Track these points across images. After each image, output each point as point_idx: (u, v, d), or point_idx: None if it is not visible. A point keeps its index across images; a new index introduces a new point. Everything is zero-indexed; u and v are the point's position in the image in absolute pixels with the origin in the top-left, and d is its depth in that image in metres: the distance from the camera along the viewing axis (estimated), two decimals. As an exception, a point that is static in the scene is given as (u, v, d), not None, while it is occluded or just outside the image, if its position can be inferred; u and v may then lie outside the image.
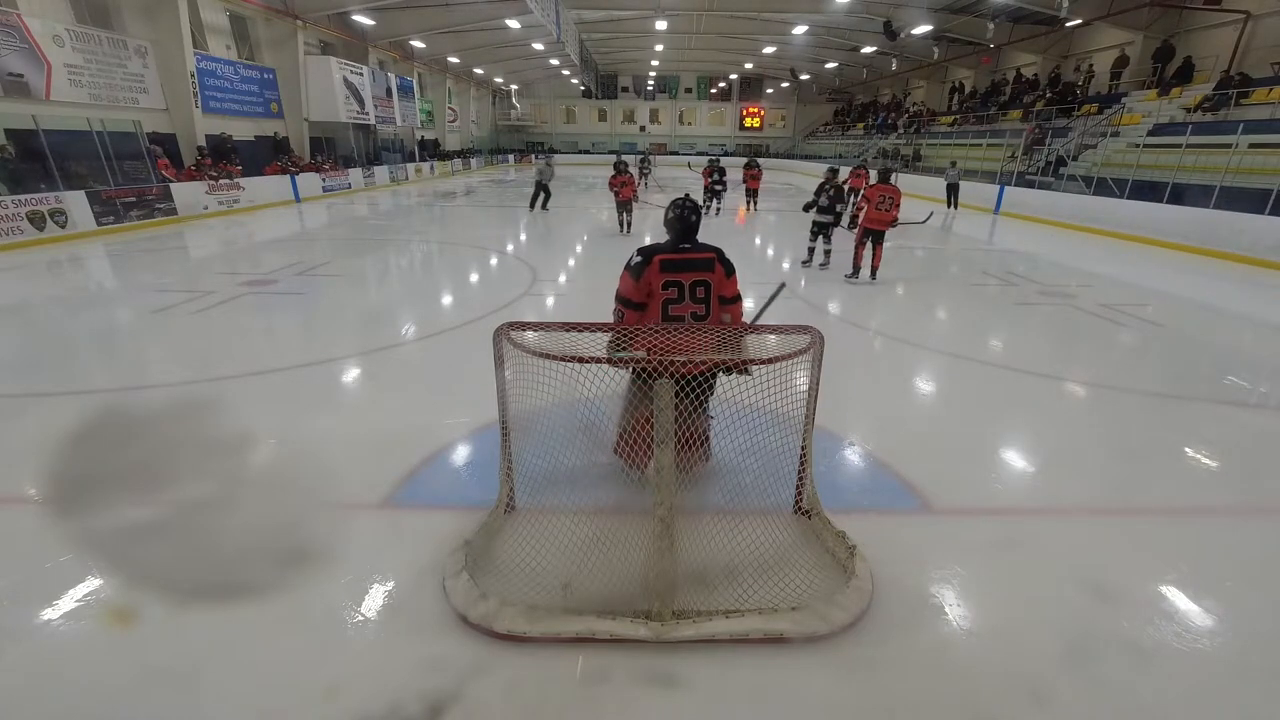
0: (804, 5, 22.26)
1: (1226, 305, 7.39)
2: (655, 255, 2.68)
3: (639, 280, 2.68)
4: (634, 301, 2.72)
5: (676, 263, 2.69)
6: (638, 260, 2.69)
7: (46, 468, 3.24)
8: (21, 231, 9.52)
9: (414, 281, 8.37)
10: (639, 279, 2.68)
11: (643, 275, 2.67)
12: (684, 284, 2.70)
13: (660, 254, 2.69)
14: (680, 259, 2.70)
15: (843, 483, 3.19)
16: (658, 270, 2.67)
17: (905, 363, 5.13)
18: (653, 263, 2.67)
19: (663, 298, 2.69)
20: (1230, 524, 2.95)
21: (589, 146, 43.77)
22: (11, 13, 10.92)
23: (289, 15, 17.67)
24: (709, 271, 2.72)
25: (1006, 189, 16.24)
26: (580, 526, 2.46)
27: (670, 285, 2.68)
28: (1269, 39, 15.13)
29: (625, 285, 2.75)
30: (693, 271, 2.70)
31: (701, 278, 2.71)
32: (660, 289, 2.68)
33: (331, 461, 3.33)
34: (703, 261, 2.72)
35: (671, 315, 2.71)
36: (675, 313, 2.72)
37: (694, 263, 2.71)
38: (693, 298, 2.71)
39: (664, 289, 2.68)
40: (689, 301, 2.71)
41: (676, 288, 2.69)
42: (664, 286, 2.68)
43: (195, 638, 2.14)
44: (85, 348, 5.29)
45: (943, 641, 2.16)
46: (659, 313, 2.71)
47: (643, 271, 2.67)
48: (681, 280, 2.69)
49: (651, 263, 2.67)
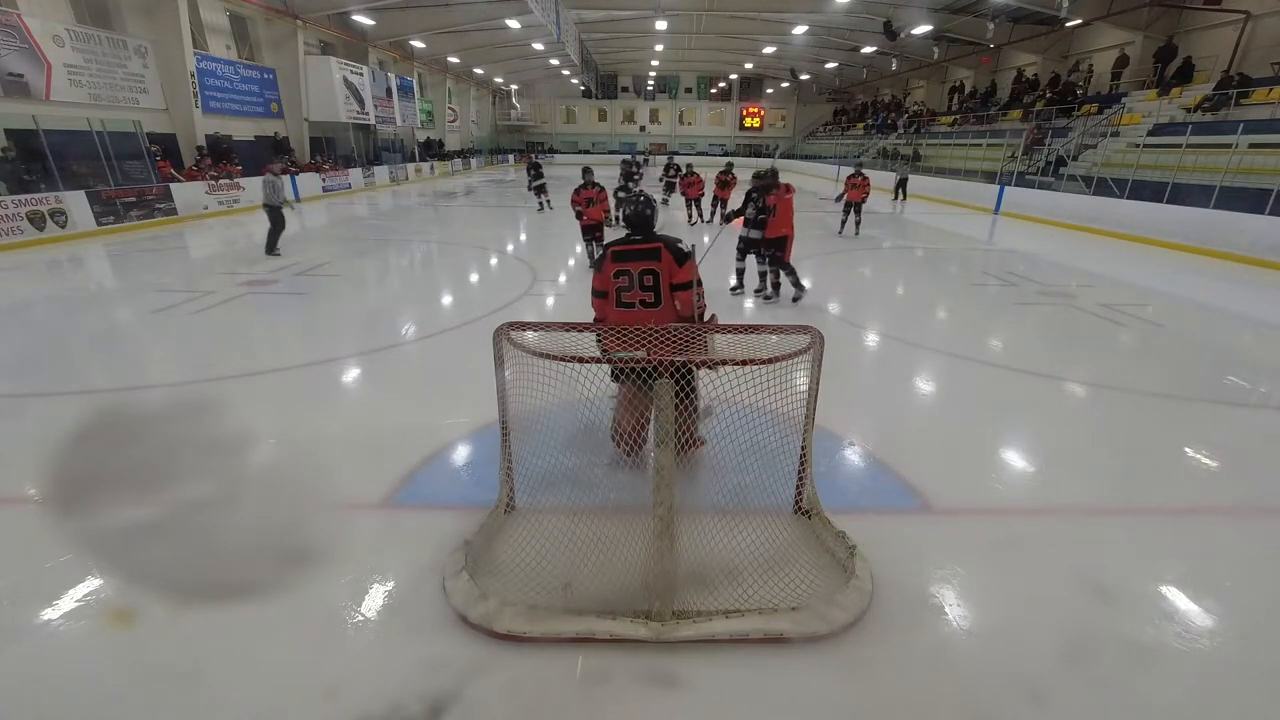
0: (804, 5, 22.27)
1: (1226, 305, 7.38)
2: (609, 247, 2.94)
3: (600, 271, 2.95)
4: (598, 290, 2.98)
5: (625, 253, 2.91)
6: (600, 253, 3.00)
7: (46, 468, 3.24)
8: (21, 231, 9.53)
9: (414, 282, 8.37)
10: (600, 270, 2.96)
11: (603, 267, 2.94)
12: (632, 272, 2.89)
13: (613, 245, 2.94)
14: (628, 249, 2.91)
15: (843, 483, 3.19)
16: (610, 260, 2.91)
17: (905, 363, 5.12)
18: (607, 254, 2.93)
19: (614, 285, 2.92)
20: (1230, 524, 2.95)
21: (589, 146, 43.77)
22: (11, 13, 10.93)
23: (289, 15, 17.68)
24: (655, 260, 2.87)
25: (1006, 189, 16.24)
26: (580, 526, 2.46)
27: (620, 274, 2.90)
28: (1269, 39, 15.13)
29: (594, 278, 3.03)
30: (640, 261, 2.88)
31: (649, 266, 2.87)
32: (612, 278, 2.91)
33: (331, 461, 3.33)
34: (649, 251, 2.88)
35: (624, 302, 2.93)
36: (626, 299, 2.92)
37: (641, 253, 2.89)
38: (641, 285, 2.89)
39: (615, 278, 2.91)
40: (637, 289, 2.90)
41: (626, 276, 2.89)
42: (614, 275, 2.91)
43: (195, 638, 2.14)
44: (85, 348, 5.29)
45: (942, 641, 2.16)
46: (614, 300, 2.94)
47: (603, 264, 2.94)
48: (630, 269, 2.89)
49: (607, 254, 2.93)
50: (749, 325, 2.51)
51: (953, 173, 19.89)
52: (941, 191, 19.27)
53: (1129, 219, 12.18)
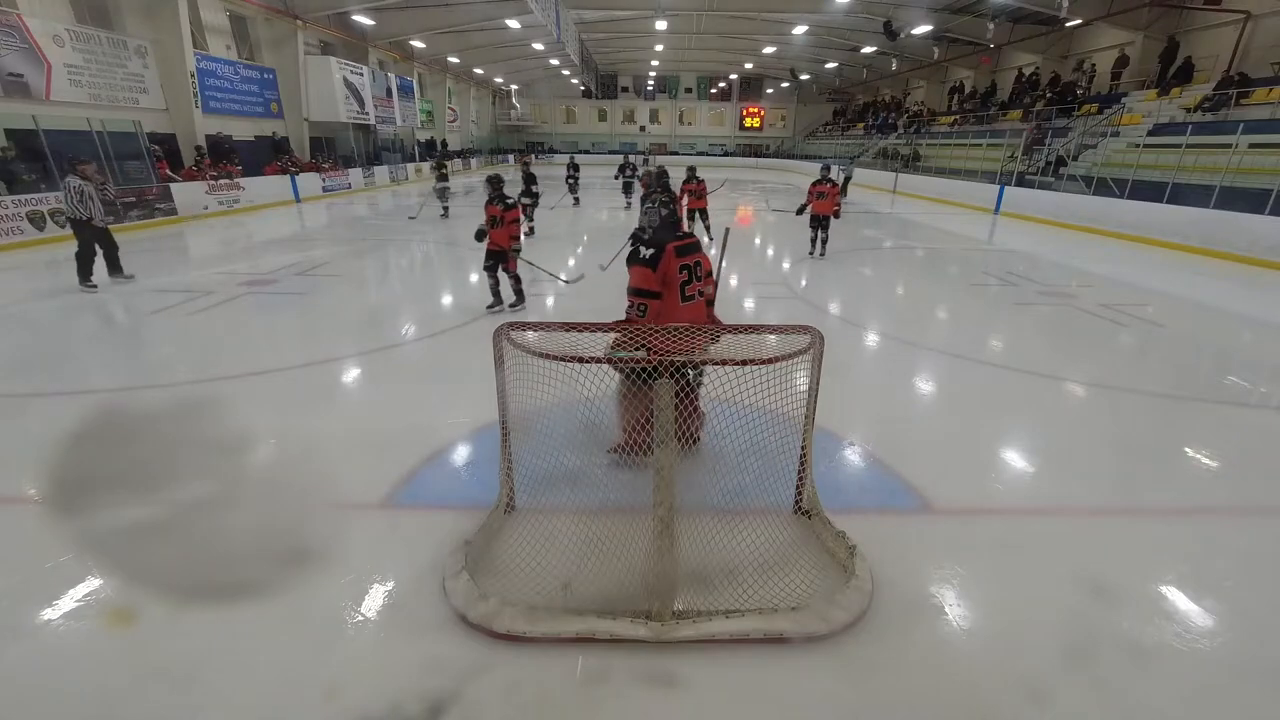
0: (804, 5, 22.25)
1: (1226, 305, 7.38)
2: (670, 244, 2.90)
3: (656, 269, 2.88)
4: (652, 291, 2.90)
5: (684, 248, 2.96)
6: (651, 253, 2.89)
7: (46, 468, 3.24)
8: (21, 231, 9.52)
9: (414, 281, 8.37)
10: (656, 267, 2.87)
11: (658, 264, 2.87)
12: (690, 265, 2.96)
13: (672, 242, 2.92)
14: (685, 244, 2.98)
15: (843, 483, 3.19)
16: (674, 256, 2.90)
17: (905, 363, 5.13)
18: (668, 251, 2.89)
19: (679, 280, 2.92)
20: (1230, 524, 2.95)
21: (589, 146, 43.74)
22: (11, 13, 10.92)
23: (289, 15, 17.67)
24: (700, 253, 3.04)
25: (1006, 189, 16.24)
26: (580, 526, 2.46)
27: (683, 269, 2.93)
28: (1269, 39, 15.12)
29: (643, 277, 2.90)
30: (693, 254, 2.99)
31: (699, 258, 3.03)
32: (677, 273, 2.91)
33: (331, 461, 3.33)
34: (696, 244, 3.05)
35: (688, 296, 2.96)
36: (690, 292, 2.97)
37: (692, 246, 3.01)
38: (696, 276, 3.00)
39: (680, 272, 2.92)
40: (696, 281, 2.99)
41: (687, 270, 2.95)
42: (680, 270, 2.92)
43: (195, 638, 2.14)
44: (85, 348, 5.29)
45: (942, 641, 2.16)
46: (679, 296, 2.94)
47: (658, 261, 2.87)
48: (688, 262, 2.95)
49: (668, 251, 2.89)
50: (749, 325, 2.51)
51: (953, 173, 19.88)
52: (942, 191, 19.26)
53: (1129, 219, 12.18)
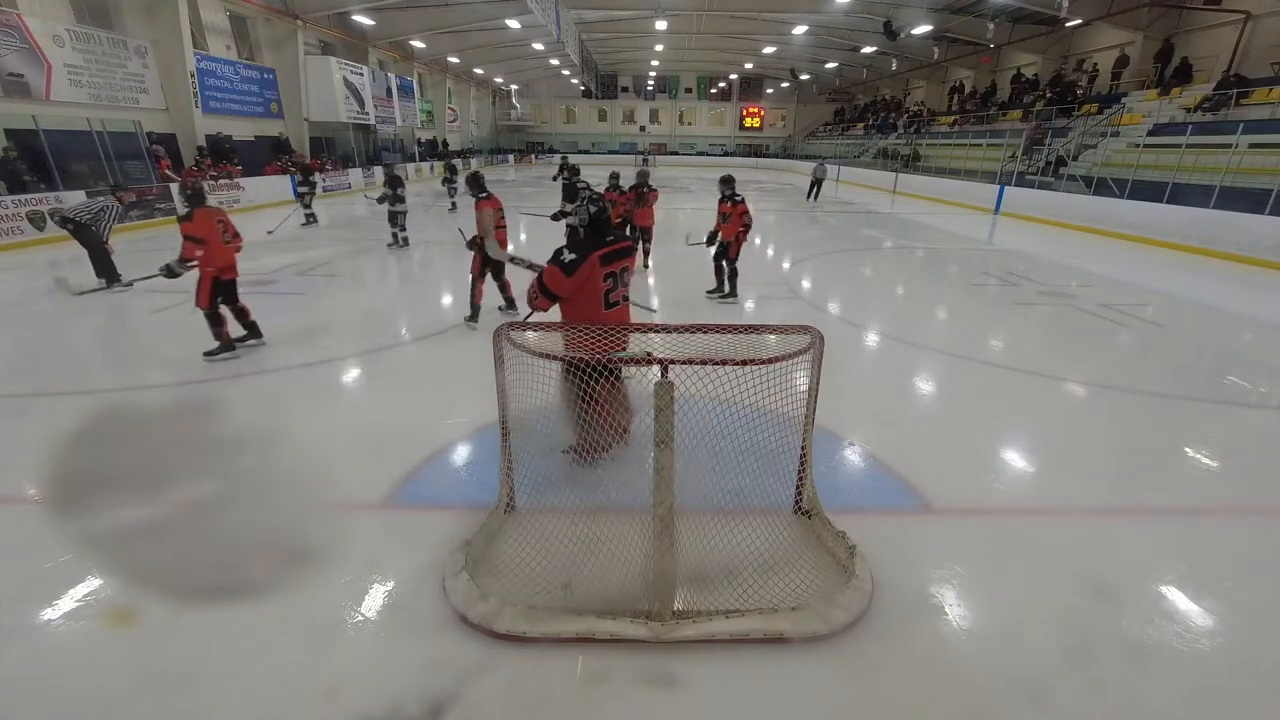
0: (804, 5, 22.25)
1: (1226, 305, 7.38)
2: (597, 252, 2.86)
3: (572, 276, 2.82)
4: (560, 295, 2.89)
5: (611, 254, 2.92)
6: (572, 259, 2.83)
7: (46, 468, 3.24)
8: (21, 231, 9.53)
9: (414, 281, 8.37)
10: (573, 274, 2.82)
11: (576, 271, 2.82)
12: (616, 273, 2.96)
13: (599, 250, 2.87)
14: (614, 250, 2.94)
15: (843, 483, 3.19)
16: (599, 264, 2.86)
17: (905, 363, 5.12)
18: (592, 258, 2.84)
19: (604, 289, 2.91)
20: (1230, 524, 2.95)
21: (589, 146, 43.74)
22: (11, 13, 10.92)
23: (289, 15, 17.67)
24: (631, 257, 3.09)
25: (1006, 189, 16.24)
26: (580, 526, 2.46)
27: (608, 276, 2.92)
28: (1269, 39, 15.12)
29: (557, 281, 2.86)
30: (621, 259, 3.00)
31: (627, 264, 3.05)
32: (601, 280, 2.89)
33: (331, 461, 3.33)
34: (628, 249, 3.07)
35: (612, 302, 2.97)
36: (614, 299, 2.98)
37: (622, 252, 3.01)
38: (622, 283, 3.03)
39: (604, 280, 2.90)
40: (621, 288, 3.02)
41: (612, 278, 2.95)
42: (604, 279, 2.89)
43: (195, 638, 2.14)
44: (85, 348, 5.29)
45: (943, 641, 2.16)
46: (603, 303, 2.94)
47: (577, 268, 2.81)
48: (614, 270, 2.95)
49: (591, 259, 2.83)
50: (749, 325, 2.51)
51: (953, 173, 19.89)
52: (941, 191, 19.27)
53: (1129, 219, 12.18)
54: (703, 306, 6.62)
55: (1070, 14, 17.86)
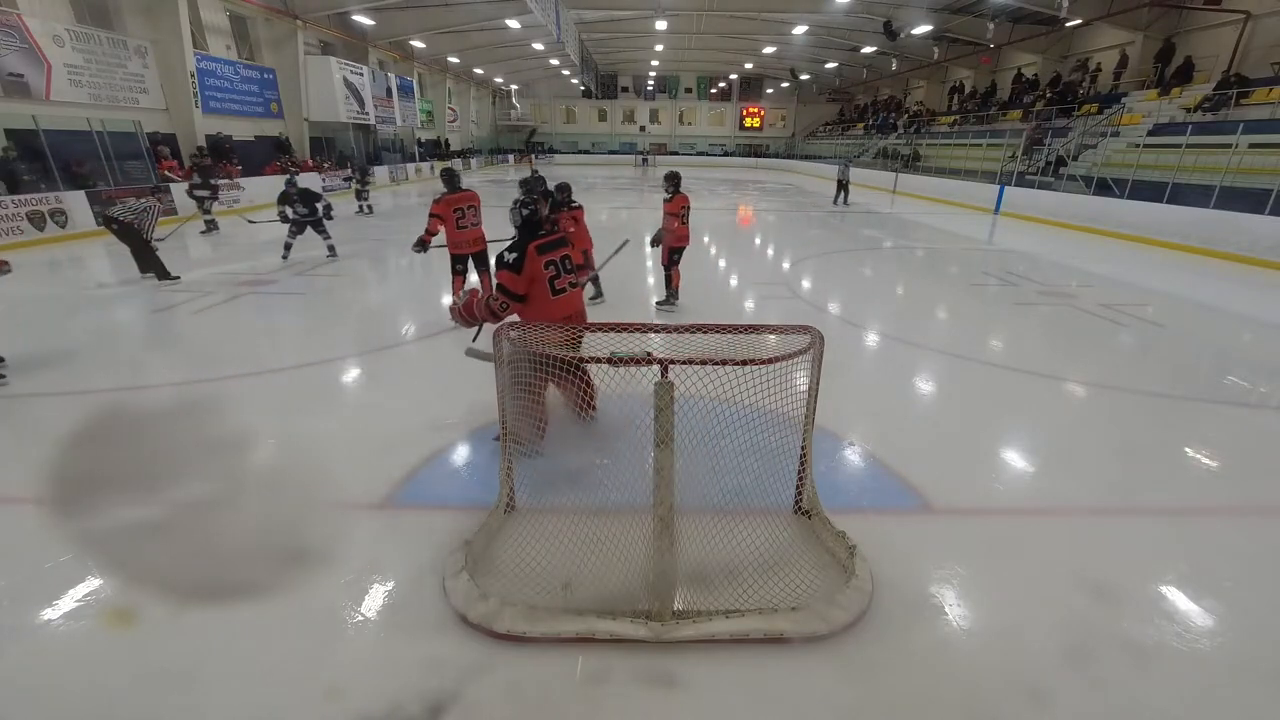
0: (804, 5, 22.25)
1: (1226, 305, 7.38)
2: (531, 244, 3.06)
3: (520, 272, 3.03)
4: (519, 294, 3.08)
5: (547, 245, 3.13)
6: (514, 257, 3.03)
7: (46, 468, 3.24)
8: (21, 231, 9.53)
9: (414, 281, 8.37)
10: (521, 270, 3.02)
11: (523, 267, 3.02)
12: (556, 260, 3.16)
13: (533, 242, 3.08)
14: (548, 241, 3.15)
15: (843, 483, 3.19)
16: (535, 254, 3.05)
17: (905, 363, 5.12)
18: (527, 252, 3.03)
19: (546, 276, 3.11)
20: (1230, 524, 2.95)
21: (589, 146, 43.75)
22: (11, 13, 10.92)
23: (289, 15, 17.67)
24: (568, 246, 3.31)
25: (1006, 189, 16.24)
26: (580, 526, 2.46)
27: (549, 265, 3.12)
28: (1269, 39, 15.12)
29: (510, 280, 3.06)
30: (558, 249, 3.21)
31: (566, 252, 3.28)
32: (542, 269, 3.09)
33: (331, 461, 3.33)
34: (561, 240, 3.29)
35: (559, 289, 3.17)
36: (560, 286, 3.18)
37: (557, 243, 3.23)
38: (565, 269, 3.21)
39: (545, 268, 3.10)
40: (565, 275, 3.20)
41: (554, 266, 3.14)
42: (545, 266, 3.10)
43: (195, 638, 2.14)
44: (85, 347, 5.28)
45: (942, 641, 2.16)
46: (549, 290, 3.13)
47: (522, 264, 3.02)
48: (554, 258, 3.15)
49: (526, 253, 3.03)
50: (749, 325, 2.51)
51: (953, 173, 19.89)
52: (941, 191, 19.27)
53: (1129, 219, 12.18)
54: (703, 307, 6.62)
55: (1070, 14, 17.87)
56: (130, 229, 7.03)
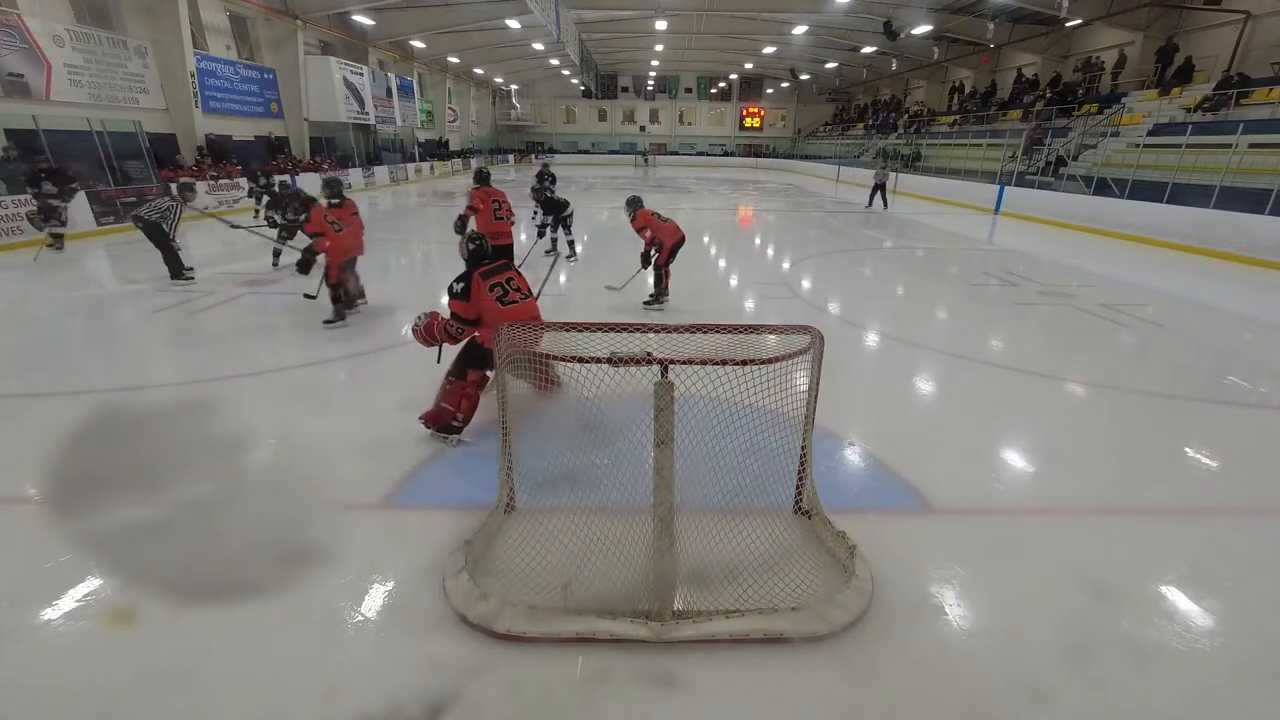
0: (804, 5, 22.26)
1: (1226, 305, 7.38)
2: (476, 272, 3.32)
3: (469, 300, 3.27)
4: (470, 319, 3.32)
5: (490, 270, 3.40)
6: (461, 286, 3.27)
7: (46, 468, 3.24)
8: (21, 231, 9.53)
9: (414, 281, 8.37)
10: (469, 299, 3.26)
11: (470, 295, 3.26)
12: (502, 281, 3.41)
13: (477, 270, 3.35)
14: (491, 268, 3.41)
15: (843, 483, 3.19)
16: (480, 279, 3.29)
17: (905, 363, 5.12)
18: (473, 280, 3.27)
19: (493, 296, 3.34)
20: (1230, 524, 2.95)
21: (589, 146, 43.77)
22: (11, 13, 10.93)
23: (289, 15, 17.68)
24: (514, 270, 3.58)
25: (1006, 189, 16.24)
26: (580, 526, 2.46)
27: (494, 287, 3.35)
28: (1269, 39, 15.13)
29: (459, 308, 3.31)
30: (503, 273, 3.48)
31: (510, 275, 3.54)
32: (487, 292, 3.30)
33: (331, 461, 3.33)
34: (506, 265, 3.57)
35: (510, 300, 3.38)
36: (511, 299, 3.40)
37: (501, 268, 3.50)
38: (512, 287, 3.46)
39: (490, 290, 3.32)
40: (514, 291, 3.45)
41: (500, 287, 3.37)
42: (490, 289, 3.32)
43: (195, 638, 2.14)
44: (85, 348, 5.29)
45: (942, 641, 2.16)
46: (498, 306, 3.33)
47: (469, 293, 3.25)
48: (499, 280, 3.40)
49: (472, 281, 3.27)
50: (749, 325, 2.51)
51: (953, 173, 19.88)
52: (941, 191, 19.26)
53: (1129, 219, 12.17)
54: (702, 307, 6.62)
55: (1070, 14, 17.88)
56: (154, 227, 7.22)
